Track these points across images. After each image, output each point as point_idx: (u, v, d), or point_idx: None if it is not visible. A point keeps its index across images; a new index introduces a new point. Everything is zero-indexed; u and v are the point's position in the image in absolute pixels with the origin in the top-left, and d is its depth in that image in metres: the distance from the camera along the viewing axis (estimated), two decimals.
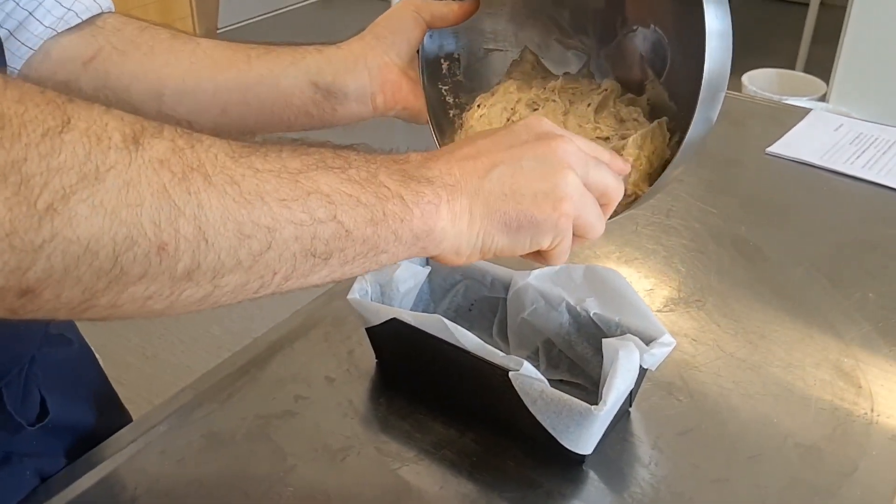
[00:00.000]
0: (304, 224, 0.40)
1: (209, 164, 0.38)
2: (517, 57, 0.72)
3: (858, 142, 1.16)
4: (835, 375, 0.76)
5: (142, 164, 0.36)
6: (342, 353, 0.79)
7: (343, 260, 0.42)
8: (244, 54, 0.69)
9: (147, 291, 0.37)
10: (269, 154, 0.40)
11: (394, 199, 0.44)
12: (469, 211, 0.47)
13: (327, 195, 0.41)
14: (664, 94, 0.65)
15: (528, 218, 0.47)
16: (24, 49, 0.64)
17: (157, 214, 0.35)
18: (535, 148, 0.48)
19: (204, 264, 0.38)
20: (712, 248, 0.95)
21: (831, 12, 3.34)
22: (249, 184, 0.38)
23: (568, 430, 0.64)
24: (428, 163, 0.47)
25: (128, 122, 0.37)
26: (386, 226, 0.43)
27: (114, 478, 0.67)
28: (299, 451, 0.69)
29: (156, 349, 2.07)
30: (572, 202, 0.48)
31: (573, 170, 0.48)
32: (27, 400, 0.69)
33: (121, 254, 0.35)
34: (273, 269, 0.40)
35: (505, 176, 0.47)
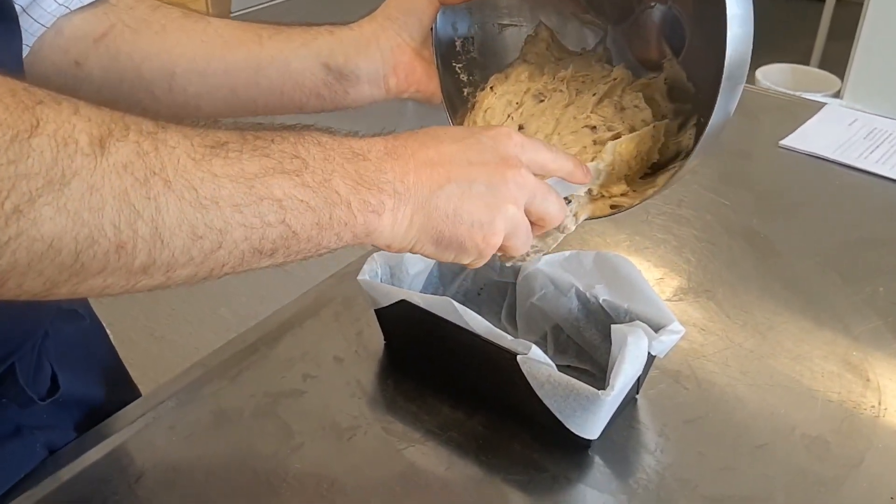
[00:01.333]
0: (254, 227, 0.43)
1: (170, 169, 0.40)
2: (532, 32, 0.71)
3: (872, 137, 1.16)
4: (843, 368, 0.76)
5: (106, 169, 0.37)
6: (351, 334, 0.80)
7: (287, 255, 0.46)
8: (255, 34, 0.68)
9: (105, 283, 0.40)
10: (230, 155, 0.42)
11: (341, 206, 0.46)
12: (410, 219, 0.49)
13: (279, 200, 0.44)
14: (682, 74, 0.65)
15: (458, 242, 0.51)
16: (37, 26, 0.64)
17: (118, 217, 0.38)
18: (491, 173, 0.51)
19: (159, 261, 0.40)
20: (723, 240, 0.95)
21: (847, 8, 3.32)
22: (207, 189, 0.41)
23: (575, 414, 0.64)
24: (385, 164, 0.49)
25: (95, 123, 0.38)
26: (330, 229, 0.46)
27: (122, 451, 0.68)
28: (307, 429, 0.69)
29: (163, 330, 2.08)
30: (501, 236, 0.52)
31: (515, 204, 0.52)
32: (39, 374, 0.69)
33: (82, 251, 0.37)
34: (222, 263, 0.43)
35: (454, 196, 0.50)
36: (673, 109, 0.66)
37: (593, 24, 0.69)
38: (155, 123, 0.41)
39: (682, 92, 0.65)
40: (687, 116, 0.65)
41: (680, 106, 0.66)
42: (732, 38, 0.53)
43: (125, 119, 0.40)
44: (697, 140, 0.62)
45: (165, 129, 0.41)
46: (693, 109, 0.65)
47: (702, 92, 0.63)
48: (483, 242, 0.51)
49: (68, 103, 0.38)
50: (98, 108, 0.40)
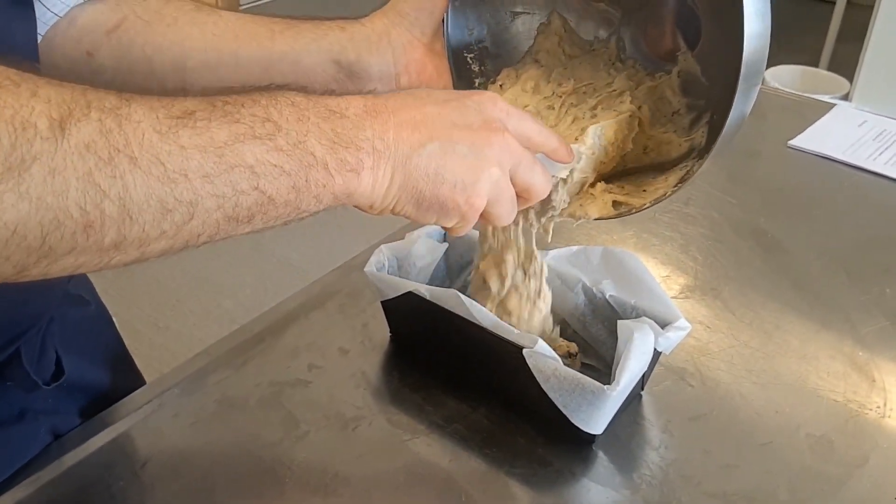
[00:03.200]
0: (226, 196, 0.42)
1: (135, 144, 0.39)
2: (545, 21, 0.71)
3: (882, 138, 1.15)
4: (849, 368, 0.76)
5: (67, 151, 0.37)
6: (357, 325, 0.80)
7: (266, 220, 0.45)
8: (267, 29, 0.68)
9: (77, 262, 0.40)
10: (197, 125, 0.41)
11: (317, 167, 0.45)
12: (391, 178, 0.48)
13: (251, 166, 0.43)
14: (696, 68, 0.64)
15: (439, 202, 0.50)
16: (50, 14, 0.65)
17: (83, 198, 0.37)
18: (475, 136, 0.50)
19: (129, 237, 0.40)
20: (730, 238, 0.94)
21: (857, 11, 3.31)
22: (174, 162, 0.40)
23: (580, 409, 0.64)
24: (364, 121, 0.47)
25: (55, 104, 0.37)
26: (308, 191, 0.45)
27: (126, 438, 0.68)
28: (311, 419, 0.69)
29: (168, 320, 2.08)
30: (485, 199, 0.50)
31: (499, 167, 0.50)
32: (43, 359, 0.69)
33: (48, 234, 0.37)
34: (197, 233, 0.43)
35: (435, 155, 0.49)
36: (686, 104, 0.66)
37: (607, 13, 0.68)
38: (119, 97, 0.40)
39: (696, 86, 0.65)
40: (700, 112, 0.65)
41: (693, 101, 0.65)
42: (750, 36, 0.53)
43: (87, 96, 0.39)
44: (710, 138, 0.62)
45: (129, 103, 0.40)
46: (706, 105, 0.64)
47: (716, 87, 0.63)
48: (466, 204, 0.50)
49: (27, 84, 0.38)
50: (60, 85, 0.39)
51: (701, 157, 0.61)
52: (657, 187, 0.63)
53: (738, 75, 0.53)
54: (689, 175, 0.60)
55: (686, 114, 0.66)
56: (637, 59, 0.68)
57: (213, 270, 2.26)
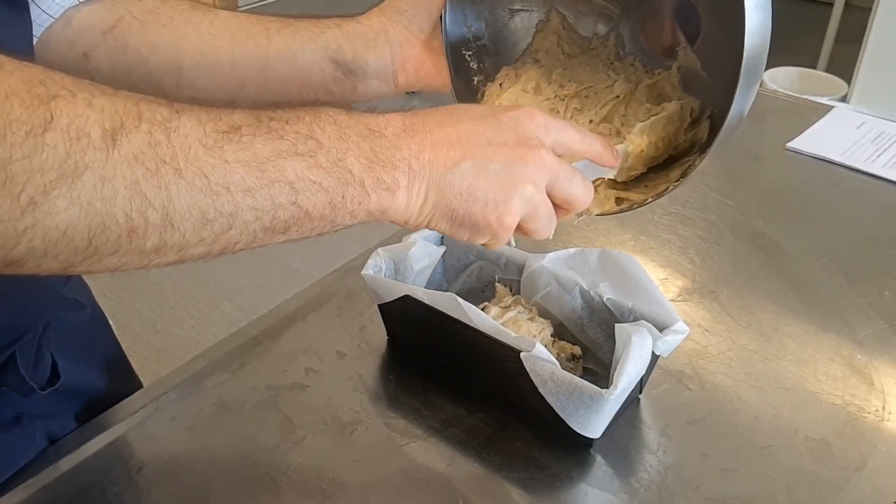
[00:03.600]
0: (264, 210, 0.44)
1: (181, 157, 0.41)
2: (544, 18, 0.70)
3: (880, 140, 1.15)
4: (847, 371, 0.75)
5: (117, 161, 0.39)
6: (354, 329, 0.79)
7: (301, 232, 0.47)
8: (263, 28, 0.68)
9: (119, 262, 0.42)
10: (243, 140, 0.43)
11: (354, 185, 0.46)
12: (425, 196, 0.49)
13: (291, 182, 0.44)
14: (696, 63, 0.64)
15: (471, 221, 0.51)
16: (45, 16, 0.64)
17: (129, 205, 0.40)
18: (509, 154, 0.50)
19: (170, 242, 0.42)
20: (728, 241, 0.94)
21: (855, 13, 3.31)
22: (217, 175, 0.42)
23: (577, 412, 0.64)
24: (402, 140, 0.49)
25: (108, 114, 0.39)
26: (344, 207, 0.47)
27: (123, 442, 0.68)
28: (308, 423, 0.69)
29: (166, 322, 2.08)
30: (517, 217, 0.51)
31: (534, 184, 0.51)
32: (39, 363, 0.69)
33: (94, 237, 0.39)
34: (234, 241, 0.44)
35: (469, 175, 0.49)
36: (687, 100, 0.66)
37: (606, 9, 0.68)
38: (170, 110, 0.42)
39: (696, 82, 0.64)
40: (701, 108, 0.65)
41: (694, 96, 0.65)
42: (751, 27, 0.52)
43: (139, 107, 0.41)
44: (711, 132, 0.62)
45: (180, 116, 0.42)
46: (707, 100, 0.64)
47: (716, 82, 0.62)
48: (497, 223, 0.51)
49: (83, 94, 0.39)
50: (113, 95, 0.40)
51: (703, 151, 0.60)
52: (659, 183, 0.63)
53: (739, 68, 0.53)
54: (691, 169, 0.60)
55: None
56: (636, 55, 0.68)
57: (212, 273, 2.25)
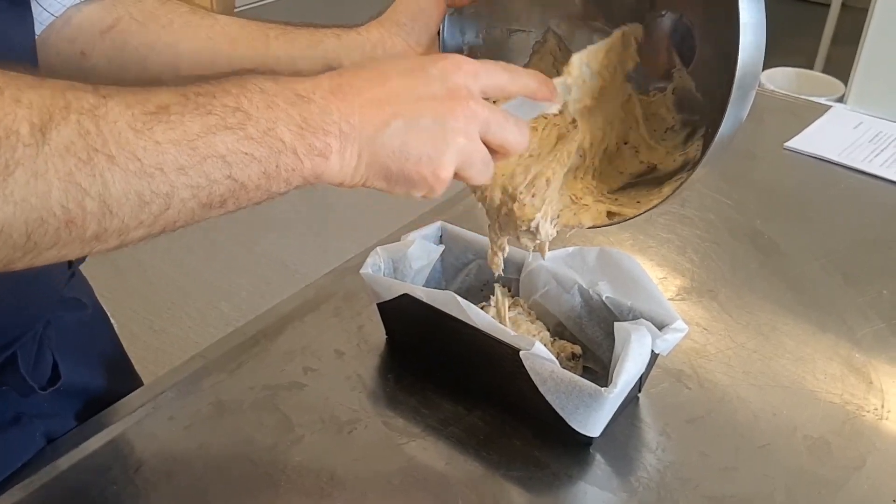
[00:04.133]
0: (200, 186, 0.44)
1: (112, 143, 0.41)
2: (540, 39, 0.71)
3: (877, 140, 1.15)
4: (846, 371, 0.75)
5: (49, 154, 0.39)
6: (352, 328, 0.79)
7: (237, 204, 0.47)
8: (262, 34, 0.68)
9: (60, 254, 0.42)
10: (171, 119, 0.43)
11: (287, 153, 0.47)
12: (358, 157, 0.50)
13: (223, 156, 0.44)
14: (691, 84, 0.64)
15: (406, 177, 0.51)
16: (46, 14, 0.64)
17: (65, 197, 0.40)
18: (438, 107, 0.50)
19: (110, 229, 0.42)
20: (727, 240, 0.94)
21: (852, 14, 3.32)
22: (150, 157, 0.42)
23: (577, 411, 0.64)
24: (331, 104, 0.49)
25: (36, 109, 0.39)
26: (278, 176, 0.47)
27: (121, 441, 0.68)
28: (306, 422, 0.69)
29: (164, 322, 2.08)
30: (451, 169, 0.51)
31: (466, 135, 0.51)
32: (40, 363, 0.69)
33: (32, 232, 0.39)
34: (173, 220, 0.45)
35: (400, 133, 0.50)
36: (681, 120, 0.66)
37: (603, 31, 0.69)
38: (96, 95, 0.42)
39: (690, 102, 0.65)
40: (695, 127, 0.65)
41: (687, 117, 0.66)
42: (745, 46, 0.52)
43: (66, 96, 0.41)
44: (705, 150, 0.62)
45: (107, 102, 0.42)
46: (701, 120, 0.64)
47: (711, 103, 0.63)
48: (432, 177, 0.51)
49: (10, 91, 0.39)
50: (40, 87, 0.40)
51: (693, 167, 0.61)
52: (651, 199, 0.63)
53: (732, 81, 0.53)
54: (681, 185, 0.60)
55: (681, 129, 0.66)
56: (631, 76, 0.68)
57: (210, 273, 2.25)
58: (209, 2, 3.61)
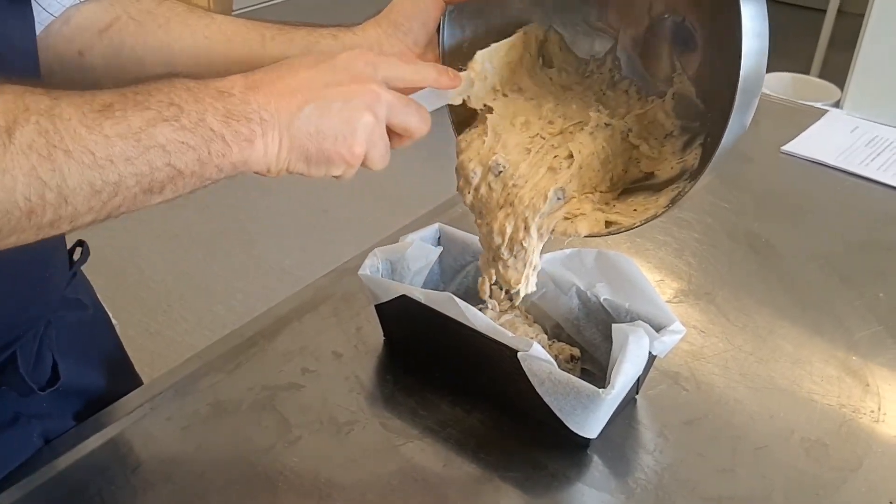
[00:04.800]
0: (144, 174, 0.48)
1: (69, 139, 0.45)
2: (541, 35, 0.71)
3: (874, 144, 1.16)
4: (842, 373, 0.76)
5: (14, 153, 0.43)
6: (350, 329, 0.79)
7: (175, 191, 0.51)
8: (258, 34, 0.68)
9: (17, 239, 0.46)
10: (115, 115, 0.47)
11: (217, 140, 0.51)
12: (279, 142, 0.53)
13: (163, 146, 0.49)
14: (691, 90, 0.64)
15: (325, 156, 0.55)
16: (46, 15, 0.64)
17: (28, 190, 0.44)
18: (345, 91, 0.55)
19: (64, 216, 0.46)
20: (724, 243, 0.94)
21: (848, 19, 3.33)
22: (101, 150, 0.46)
23: (574, 412, 0.64)
24: (249, 96, 0.53)
25: (2, 113, 0.44)
26: (211, 162, 0.51)
27: (119, 441, 0.68)
28: (304, 423, 0.69)
29: (159, 325, 2.07)
30: (363, 144, 0.55)
31: (371, 113, 0.55)
32: (39, 363, 0.69)
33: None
34: (118, 206, 0.49)
35: (314, 116, 0.54)
36: (680, 126, 0.66)
37: (604, 32, 0.69)
38: (50, 98, 0.46)
39: (690, 109, 0.65)
40: (693, 134, 0.65)
41: (686, 123, 0.66)
42: (748, 53, 0.52)
43: (25, 100, 0.45)
44: (703, 159, 0.62)
45: (59, 103, 0.46)
46: (701, 127, 0.64)
47: (711, 110, 0.63)
48: (348, 153, 0.55)
49: None
50: (3, 93, 0.45)
51: (693, 178, 0.61)
52: (647, 208, 0.63)
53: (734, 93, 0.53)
54: (680, 196, 0.61)
55: (679, 136, 0.66)
56: (632, 79, 0.68)
57: (206, 276, 2.25)
58: (206, 3, 3.61)
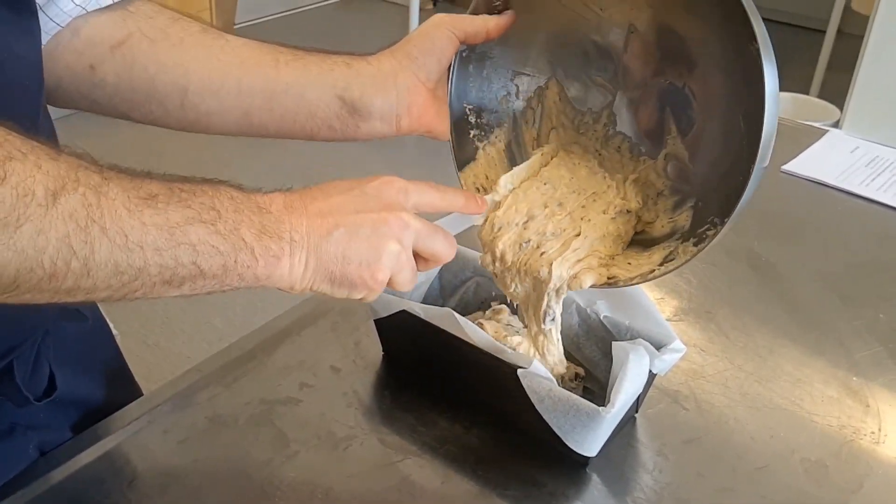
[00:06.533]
0: (168, 267, 0.50)
1: (108, 217, 0.47)
2: (543, 84, 0.72)
3: (874, 165, 1.16)
4: (843, 393, 0.75)
5: (54, 217, 0.45)
6: (349, 344, 0.79)
7: (192, 289, 0.52)
8: (272, 58, 0.68)
9: (32, 298, 0.47)
10: (158, 206, 0.49)
11: (246, 251, 0.52)
12: (305, 263, 0.55)
13: (194, 245, 0.50)
14: (685, 154, 0.65)
15: (348, 280, 0.56)
16: (52, 24, 0.64)
17: (57, 254, 0.45)
18: (374, 218, 0.57)
19: (83, 287, 0.48)
20: (724, 262, 0.94)
21: (848, 40, 3.34)
22: (135, 235, 0.48)
23: (574, 430, 0.64)
24: (284, 216, 0.55)
25: (52, 177, 0.45)
26: (234, 270, 0.52)
27: (115, 454, 0.67)
28: (302, 438, 0.68)
29: (157, 338, 2.07)
30: (387, 272, 0.57)
31: (398, 241, 0.57)
32: (36, 374, 0.68)
33: (20, 277, 0.45)
34: (135, 290, 0.50)
35: (342, 239, 0.55)
36: (670, 186, 0.67)
37: (604, 87, 0.69)
38: (101, 177, 0.48)
39: (681, 171, 0.66)
40: (684, 196, 0.66)
41: (677, 184, 0.66)
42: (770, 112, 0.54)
43: (78, 173, 0.47)
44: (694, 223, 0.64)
45: (109, 182, 0.48)
46: (691, 191, 0.65)
47: (704, 176, 0.64)
48: (371, 279, 0.56)
49: (33, 157, 0.45)
50: (56, 160, 0.46)
51: (685, 240, 0.63)
52: (641, 263, 0.65)
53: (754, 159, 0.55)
54: (674, 255, 0.63)
55: (670, 196, 0.67)
56: (625, 135, 0.69)
57: None
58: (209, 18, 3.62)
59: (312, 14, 4.49)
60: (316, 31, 4.12)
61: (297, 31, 4.09)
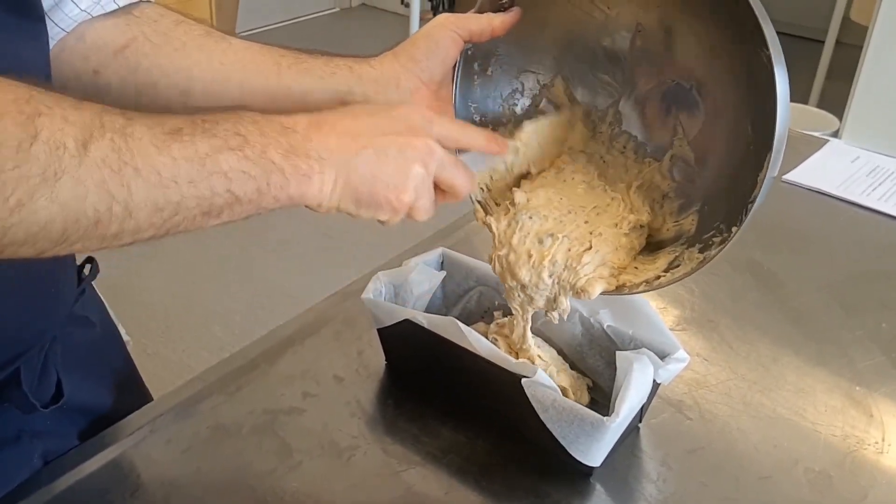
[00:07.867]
0: (205, 197, 0.50)
1: (139, 157, 0.48)
2: (548, 81, 0.72)
3: (875, 174, 1.16)
4: (846, 403, 0.75)
5: (88, 165, 0.45)
6: (352, 353, 0.79)
7: (231, 215, 0.53)
8: (274, 61, 0.68)
9: (83, 246, 0.49)
10: (184, 139, 0.50)
11: (277, 172, 0.53)
12: (334, 181, 0.55)
13: (225, 173, 0.51)
14: (690, 155, 0.65)
15: (374, 200, 0.57)
16: (57, 29, 0.64)
17: (97, 201, 0.46)
18: (401, 141, 0.57)
19: (127, 229, 0.49)
20: (726, 271, 0.94)
21: (847, 50, 3.35)
22: (168, 171, 0.49)
23: (578, 440, 0.64)
24: (311, 134, 0.55)
25: (79, 127, 0.46)
26: (269, 193, 0.53)
27: (119, 463, 0.67)
28: (305, 447, 0.68)
29: (157, 346, 2.07)
30: (412, 194, 0.57)
31: (423, 165, 0.57)
32: (43, 380, 0.68)
33: (67, 229, 0.46)
34: (178, 224, 0.51)
35: (371, 160, 0.56)
36: (675, 189, 0.67)
37: (610, 86, 0.69)
38: (124, 118, 0.48)
39: (687, 172, 0.66)
40: (689, 199, 0.66)
41: (682, 186, 0.66)
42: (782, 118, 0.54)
43: (102, 118, 0.47)
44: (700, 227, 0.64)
45: (133, 123, 0.48)
46: (697, 194, 0.65)
47: (707, 179, 0.64)
48: (396, 200, 0.57)
49: (59, 110, 0.45)
50: (80, 109, 0.47)
51: (691, 245, 0.63)
52: (647, 268, 0.64)
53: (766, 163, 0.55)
54: (679, 261, 0.62)
55: (675, 198, 0.67)
56: (630, 134, 0.69)
57: (204, 297, 2.24)
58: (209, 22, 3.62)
59: (313, 23, 4.50)
60: (316, 40, 4.13)
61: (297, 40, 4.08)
